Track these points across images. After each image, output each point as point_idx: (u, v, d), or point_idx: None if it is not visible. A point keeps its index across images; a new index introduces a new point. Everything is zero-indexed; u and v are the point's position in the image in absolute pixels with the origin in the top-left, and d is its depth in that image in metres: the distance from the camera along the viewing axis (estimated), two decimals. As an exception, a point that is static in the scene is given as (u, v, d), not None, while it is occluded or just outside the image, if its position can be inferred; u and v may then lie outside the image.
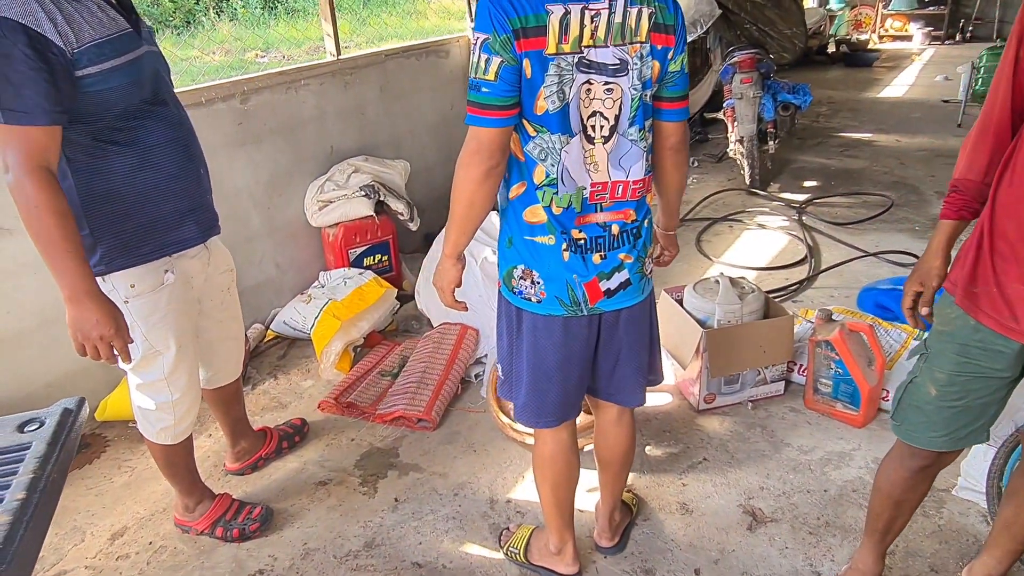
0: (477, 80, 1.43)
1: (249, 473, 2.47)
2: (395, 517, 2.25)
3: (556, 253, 1.56)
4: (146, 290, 1.82)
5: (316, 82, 3.49)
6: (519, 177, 1.55)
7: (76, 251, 1.57)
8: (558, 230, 1.55)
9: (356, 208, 3.42)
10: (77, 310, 1.59)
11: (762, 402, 2.68)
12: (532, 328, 1.64)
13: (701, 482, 2.32)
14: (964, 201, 1.48)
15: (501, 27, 1.39)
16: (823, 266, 3.78)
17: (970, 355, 1.42)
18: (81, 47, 1.57)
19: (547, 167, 1.51)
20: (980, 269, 1.38)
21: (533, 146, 1.50)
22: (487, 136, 1.44)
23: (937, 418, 1.51)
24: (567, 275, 1.57)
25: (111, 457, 2.60)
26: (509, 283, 1.64)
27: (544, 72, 1.42)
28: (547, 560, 1.99)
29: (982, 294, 1.37)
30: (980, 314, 1.38)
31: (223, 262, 2.12)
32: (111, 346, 1.65)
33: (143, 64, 1.72)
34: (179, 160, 1.84)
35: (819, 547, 2.05)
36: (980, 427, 1.51)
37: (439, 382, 2.75)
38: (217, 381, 2.27)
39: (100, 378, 2.77)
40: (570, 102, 1.47)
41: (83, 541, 2.22)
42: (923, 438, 1.54)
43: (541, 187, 1.53)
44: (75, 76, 1.58)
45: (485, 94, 1.42)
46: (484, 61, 1.41)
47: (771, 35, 5.13)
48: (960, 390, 1.46)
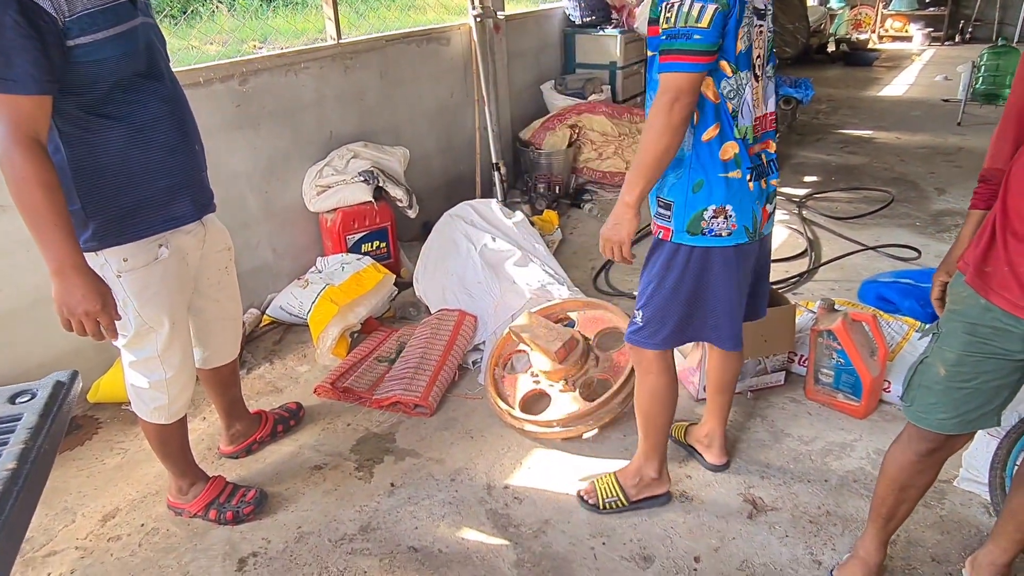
0: (687, 28, 1.53)
1: (243, 456, 2.44)
2: (391, 502, 2.23)
3: (743, 185, 1.74)
4: (139, 265, 1.78)
5: (316, 66, 3.45)
6: (713, 119, 1.68)
7: (63, 224, 1.53)
8: (744, 163, 1.73)
9: (355, 194, 3.39)
10: (63, 284, 1.56)
11: (763, 392, 2.66)
12: (721, 262, 1.78)
13: (701, 471, 2.30)
14: (992, 190, 1.48)
15: None
16: (824, 259, 3.76)
17: (980, 335, 1.40)
18: (73, 16, 1.53)
19: (734, 104, 1.68)
20: (993, 249, 1.36)
21: (726, 84, 1.66)
22: (689, 81, 1.57)
23: (946, 399, 1.49)
24: (752, 203, 1.76)
25: (103, 439, 2.57)
26: (697, 227, 1.74)
27: (743, 13, 1.60)
28: (646, 490, 2.13)
29: (994, 273, 1.36)
30: (991, 293, 1.37)
31: (220, 240, 2.08)
32: (97, 322, 1.61)
33: (137, 35, 1.68)
34: (173, 136, 1.80)
35: (820, 536, 2.03)
36: (991, 411, 1.49)
37: (436, 368, 2.72)
38: (213, 361, 2.24)
39: (93, 359, 2.73)
40: (752, 42, 1.67)
41: (74, 522, 2.19)
42: (932, 420, 1.52)
43: (737, 120, 1.70)
44: (66, 45, 1.54)
45: (697, 41, 1.53)
46: (698, 9, 1.52)
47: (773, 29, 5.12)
48: (970, 371, 1.44)
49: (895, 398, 2.52)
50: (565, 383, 2.54)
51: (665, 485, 2.15)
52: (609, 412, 2.42)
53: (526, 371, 2.67)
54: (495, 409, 2.57)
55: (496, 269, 3.18)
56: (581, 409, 2.42)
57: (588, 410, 2.41)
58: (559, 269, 3.31)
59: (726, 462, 2.29)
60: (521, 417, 2.47)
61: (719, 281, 1.81)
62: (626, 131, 4.79)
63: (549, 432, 2.43)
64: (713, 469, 2.29)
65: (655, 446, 2.10)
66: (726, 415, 2.27)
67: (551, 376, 2.55)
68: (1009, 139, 1.44)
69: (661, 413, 2.04)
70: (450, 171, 4.46)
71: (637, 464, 2.14)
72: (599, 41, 5.24)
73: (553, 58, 5.37)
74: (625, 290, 3.48)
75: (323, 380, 2.79)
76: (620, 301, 3.36)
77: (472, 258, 3.23)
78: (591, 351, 2.62)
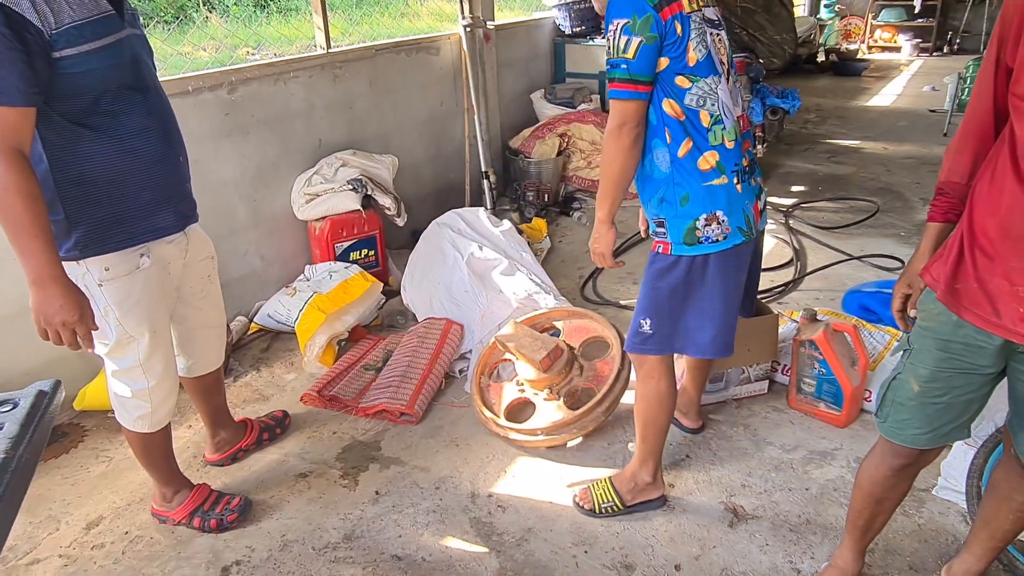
0: (617, 59, 1.69)
1: (229, 464, 2.45)
2: (375, 510, 2.24)
3: (731, 188, 1.81)
4: (121, 274, 1.79)
5: (305, 75, 3.47)
6: (683, 135, 1.77)
7: (43, 235, 1.54)
8: (728, 168, 1.80)
9: (343, 202, 3.41)
10: (41, 294, 1.57)
11: (745, 401, 2.69)
12: (720, 266, 1.84)
13: (683, 479, 2.32)
14: (950, 203, 1.50)
15: (641, 9, 1.65)
16: (809, 269, 3.79)
17: (952, 351, 1.43)
18: (59, 28, 1.54)
19: (709, 109, 1.76)
20: (962, 266, 1.38)
21: (690, 97, 1.74)
22: (632, 108, 1.71)
23: (920, 414, 1.51)
24: (743, 203, 1.82)
25: (88, 446, 2.57)
26: (693, 237, 1.81)
27: (689, 27, 1.70)
28: (642, 495, 2.17)
29: (964, 290, 1.38)
30: (962, 310, 1.39)
31: (203, 249, 2.09)
32: (74, 332, 1.62)
33: (123, 47, 1.69)
34: (159, 147, 1.81)
35: (800, 544, 2.05)
36: (962, 424, 1.52)
37: (422, 376, 2.73)
38: (197, 370, 2.24)
39: (80, 367, 2.73)
40: (710, 49, 1.76)
41: (58, 530, 2.19)
42: (906, 435, 1.54)
43: (711, 129, 1.77)
44: (52, 57, 1.55)
45: (624, 70, 1.69)
46: (624, 42, 1.67)
47: (761, 40, 5.18)
48: (943, 386, 1.46)
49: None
50: (550, 392, 2.55)
51: (660, 489, 2.18)
52: (593, 421, 2.44)
53: (511, 380, 2.68)
54: (481, 417, 2.59)
55: (483, 278, 3.20)
56: (565, 417, 2.44)
57: (572, 418, 2.42)
58: (545, 278, 3.34)
59: (701, 425, 2.52)
60: (506, 426, 2.49)
61: (719, 285, 1.86)
62: (615, 140, 4.81)
63: (534, 440, 2.45)
64: (690, 432, 2.51)
65: (653, 450, 2.13)
66: (702, 385, 2.48)
67: (536, 385, 2.57)
68: (968, 153, 1.45)
69: (661, 417, 2.08)
70: (439, 179, 4.48)
71: (633, 469, 2.17)
72: (589, 51, 5.28)
73: (543, 68, 5.40)
74: (612, 299, 3.50)
75: (310, 388, 2.80)
76: (607, 310, 3.38)
77: (459, 267, 3.25)
78: (576, 360, 2.64)
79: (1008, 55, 1.30)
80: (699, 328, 1.92)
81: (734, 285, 1.90)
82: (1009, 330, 1.33)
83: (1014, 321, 1.31)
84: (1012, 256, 1.30)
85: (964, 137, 1.46)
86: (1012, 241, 1.29)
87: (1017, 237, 1.29)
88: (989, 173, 1.35)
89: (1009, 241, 1.30)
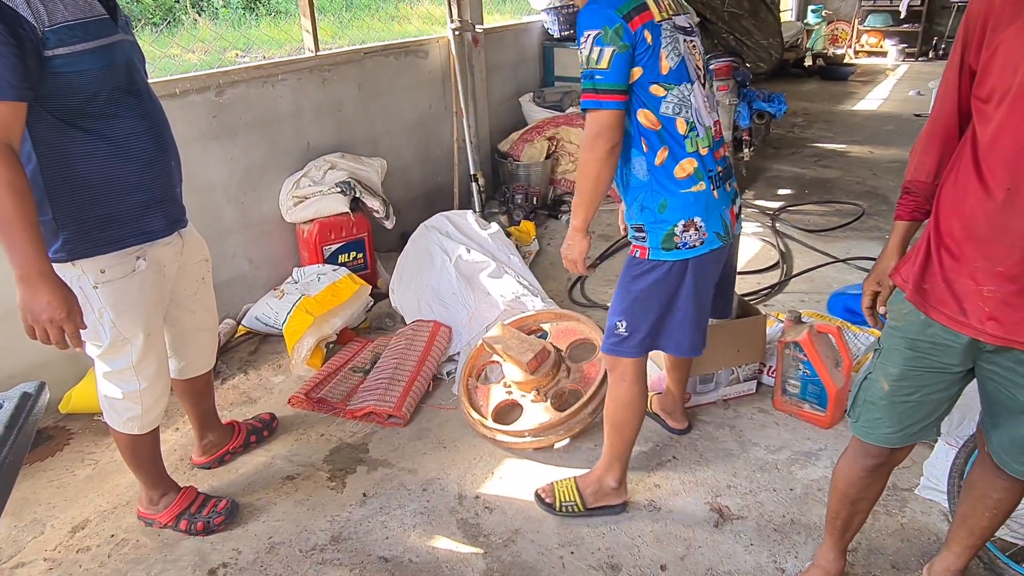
0: (590, 70, 1.70)
1: (216, 467, 2.44)
2: (363, 512, 2.24)
3: (708, 194, 1.83)
4: (117, 276, 1.79)
5: (294, 77, 3.47)
6: (659, 143, 1.79)
7: (31, 230, 1.54)
8: (704, 174, 1.83)
9: (332, 205, 3.41)
10: (28, 291, 1.56)
11: (732, 402, 2.71)
12: (697, 270, 1.86)
13: (669, 480, 2.33)
14: (916, 202, 1.53)
15: (611, 19, 1.67)
16: (795, 271, 3.82)
17: (921, 349, 1.45)
18: (52, 27, 1.55)
19: (684, 117, 1.79)
20: (929, 266, 1.41)
21: (666, 105, 1.77)
22: (605, 118, 1.71)
23: (890, 413, 1.54)
24: (720, 209, 1.85)
25: (74, 449, 2.56)
26: (671, 242, 1.83)
27: (659, 36, 1.73)
28: (604, 499, 2.17)
29: (931, 290, 1.41)
30: (930, 309, 1.42)
31: (198, 251, 2.10)
32: (61, 330, 1.61)
33: (116, 51, 1.70)
34: (150, 151, 1.81)
35: (784, 544, 2.06)
36: (932, 423, 1.55)
37: (410, 378, 2.74)
38: (188, 372, 2.24)
39: (65, 369, 2.72)
40: (684, 56, 1.79)
41: (43, 533, 2.18)
42: (878, 434, 1.57)
43: (687, 136, 1.80)
44: (44, 55, 1.55)
45: (600, 80, 1.69)
46: (597, 52, 1.68)
47: (748, 45, 5.22)
48: (912, 385, 1.49)
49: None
50: (537, 393, 2.56)
51: (623, 496, 2.18)
52: (580, 422, 2.45)
53: (499, 382, 2.69)
54: (468, 419, 2.59)
55: (471, 280, 3.21)
56: (552, 419, 2.45)
57: (559, 420, 2.44)
58: (533, 280, 3.35)
59: (687, 426, 2.53)
60: (493, 427, 2.50)
61: (694, 288, 1.89)
62: (603, 144, 4.84)
63: (521, 442, 2.46)
64: (676, 433, 2.53)
65: (619, 456, 2.13)
66: (684, 386, 2.50)
67: (523, 387, 2.58)
68: (933, 153, 1.47)
69: (630, 421, 2.08)
70: (428, 182, 4.49)
71: (598, 472, 2.17)
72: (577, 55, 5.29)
73: (531, 71, 5.42)
74: (600, 302, 3.51)
75: (297, 390, 2.80)
76: (595, 312, 3.39)
77: (447, 269, 3.26)
78: (563, 362, 2.65)
79: (972, 57, 1.33)
80: (676, 328, 1.94)
81: (708, 287, 1.94)
82: (976, 329, 1.36)
83: (980, 320, 1.34)
84: (976, 256, 1.32)
85: (930, 137, 1.48)
86: (975, 242, 1.32)
87: (980, 238, 1.31)
88: (953, 174, 1.38)
89: (973, 242, 1.33)
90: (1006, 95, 1.23)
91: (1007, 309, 1.31)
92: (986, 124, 1.29)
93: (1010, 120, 1.24)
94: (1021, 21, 1.22)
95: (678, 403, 2.52)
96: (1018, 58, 1.21)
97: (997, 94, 1.25)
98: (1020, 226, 1.26)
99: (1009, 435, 1.49)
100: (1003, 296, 1.31)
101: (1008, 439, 1.50)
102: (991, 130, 1.28)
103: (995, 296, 1.32)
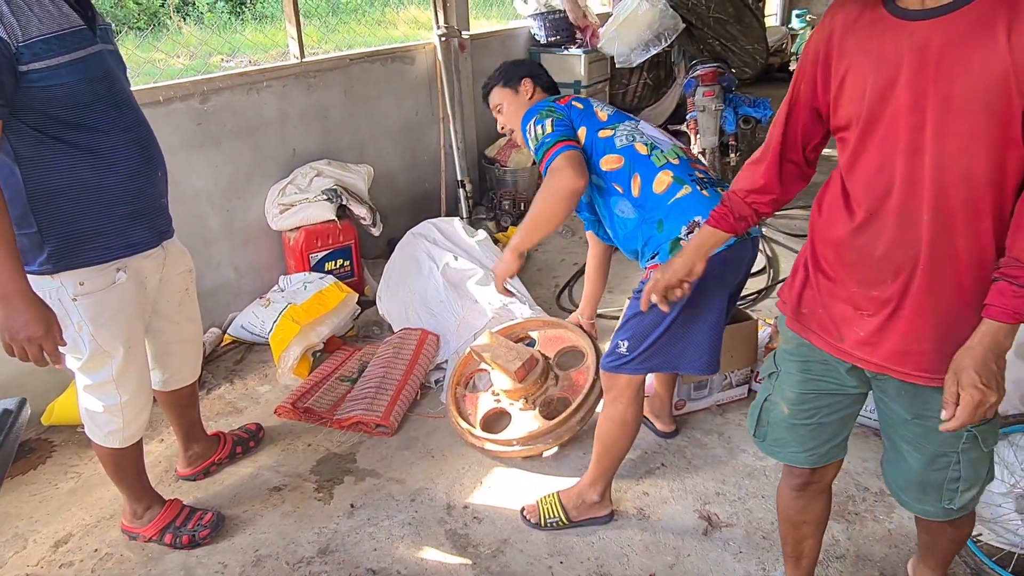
0: (542, 139, 1.93)
1: (202, 479, 2.42)
2: (350, 523, 2.22)
3: (697, 194, 1.87)
4: (96, 288, 1.77)
5: (279, 84, 3.45)
6: (629, 174, 1.92)
7: (8, 248, 1.53)
8: (686, 179, 1.89)
9: (318, 212, 3.39)
10: (6, 309, 1.55)
11: (720, 408, 2.71)
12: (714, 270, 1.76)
13: (659, 488, 2.33)
14: (722, 212, 1.52)
15: (541, 105, 2.02)
16: (782, 276, 3.84)
17: (814, 372, 1.45)
18: (26, 41, 1.53)
19: (641, 141, 1.94)
20: (807, 291, 1.42)
21: (619, 138, 1.94)
22: (561, 158, 1.86)
23: (793, 436, 1.52)
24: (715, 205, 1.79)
25: (57, 462, 2.52)
26: (678, 249, 1.79)
27: (588, 100, 2.05)
28: (588, 512, 2.17)
29: (810, 314, 1.41)
30: (810, 334, 1.42)
31: (181, 262, 2.07)
32: (40, 347, 1.60)
33: (94, 63, 1.68)
34: (134, 162, 1.79)
35: (772, 551, 2.07)
36: (840, 442, 1.52)
37: (398, 387, 2.73)
38: (172, 384, 2.22)
39: (47, 381, 2.68)
40: (617, 110, 2.02)
41: (25, 548, 2.15)
42: (786, 454, 1.55)
43: (651, 155, 1.91)
44: (18, 70, 1.54)
45: (548, 140, 1.92)
46: (539, 128, 1.95)
47: (733, 50, 5.24)
48: (810, 407, 1.48)
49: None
50: (525, 402, 2.56)
51: (607, 507, 2.18)
52: (568, 431, 2.44)
53: (487, 390, 2.69)
54: (456, 428, 2.58)
55: (458, 288, 3.20)
56: (541, 427, 2.44)
57: (547, 428, 2.43)
58: (521, 287, 3.34)
59: (674, 429, 2.56)
60: (482, 436, 2.49)
61: (710, 296, 1.86)
62: (590, 149, 4.85)
63: (509, 451, 2.45)
64: (663, 436, 2.55)
65: (605, 473, 2.13)
66: (673, 389, 2.53)
67: (511, 395, 2.57)
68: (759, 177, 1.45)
69: (620, 441, 2.07)
70: (415, 188, 4.48)
71: (581, 487, 2.17)
72: (564, 60, 5.31)
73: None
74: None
75: (284, 400, 2.78)
76: (582, 318, 3.39)
77: (434, 277, 3.25)
78: (551, 370, 2.65)
79: (820, 99, 1.32)
80: (692, 344, 1.91)
81: (723, 294, 1.90)
82: (850, 355, 1.35)
83: (854, 345, 1.34)
84: (850, 281, 1.32)
85: (759, 161, 1.46)
86: (847, 267, 1.32)
87: (851, 263, 1.31)
88: (817, 206, 1.39)
89: (845, 267, 1.33)
90: (859, 120, 1.23)
91: (882, 334, 1.30)
92: (845, 150, 1.29)
93: (864, 143, 1.24)
94: (862, 47, 1.21)
95: (666, 406, 2.53)
96: (864, 83, 1.21)
97: (852, 121, 1.25)
98: (881, 248, 1.25)
99: (901, 469, 1.44)
100: (880, 321, 1.29)
101: (901, 475, 1.45)
102: (848, 155, 1.28)
103: (874, 320, 1.30)
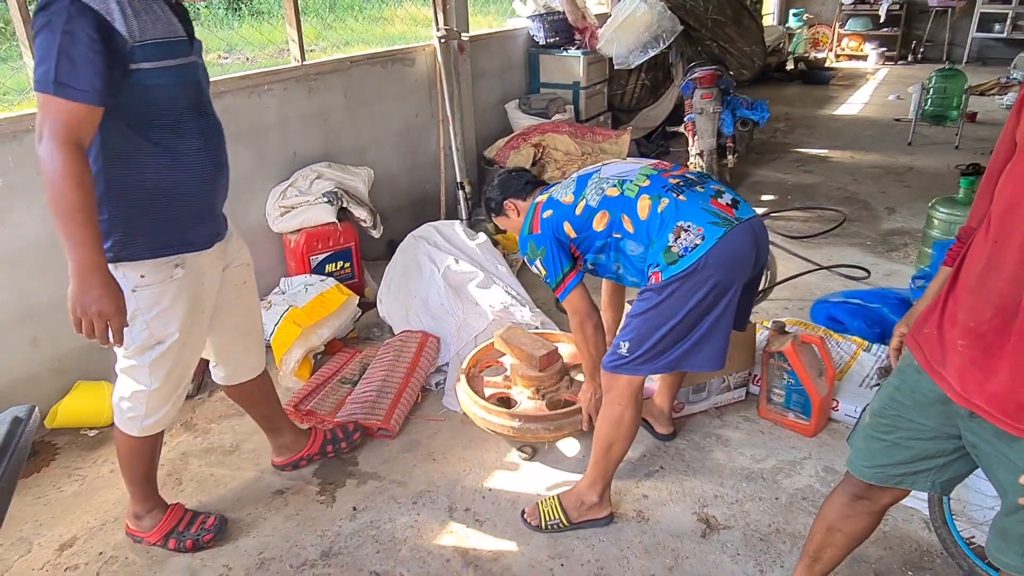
0: (544, 279, 2.18)
1: (289, 471, 2.47)
2: (353, 526, 2.25)
3: (675, 202, 1.94)
4: (155, 281, 1.84)
5: (280, 87, 3.47)
6: (618, 217, 2.01)
7: (92, 225, 1.60)
8: (661, 192, 1.96)
9: (318, 214, 3.41)
10: (81, 283, 1.61)
11: (718, 411, 2.74)
12: (715, 261, 1.86)
13: (657, 490, 2.36)
14: (958, 251, 1.48)
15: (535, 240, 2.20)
16: (778, 278, 3.86)
17: (903, 391, 1.45)
18: (141, 43, 1.65)
19: (605, 186, 2.05)
20: (935, 312, 1.39)
21: (591, 200, 2.06)
22: (573, 297, 2.15)
23: (866, 447, 1.53)
24: (697, 205, 1.93)
25: (61, 465, 2.54)
26: (671, 256, 1.89)
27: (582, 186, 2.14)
28: (588, 513, 2.19)
29: (928, 335, 1.39)
30: (917, 350, 1.41)
31: (239, 257, 2.13)
32: (106, 325, 1.65)
33: (189, 72, 1.79)
34: (208, 168, 1.88)
35: (769, 553, 2.10)
36: (913, 473, 1.49)
37: (399, 390, 2.75)
38: (237, 377, 2.25)
39: (51, 385, 2.70)
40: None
41: (29, 552, 2.17)
42: (855, 464, 1.56)
43: (623, 191, 2.02)
44: (129, 67, 1.64)
45: (550, 279, 2.17)
46: (535, 268, 2.21)
47: (731, 52, 5.25)
48: (889, 424, 1.48)
49: (844, 416, 2.62)
50: (535, 392, 2.57)
51: (606, 509, 2.20)
52: (571, 424, 2.44)
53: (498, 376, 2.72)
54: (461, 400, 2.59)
55: (459, 291, 3.22)
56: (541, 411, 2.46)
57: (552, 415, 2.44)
58: (521, 290, 3.37)
59: (673, 432, 2.60)
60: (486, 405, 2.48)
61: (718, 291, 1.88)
62: (589, 150, 4.87)
63: (509, 426, 2.43)
64: (661, 439, 2.59)
65: (604, 474, 2.16)
66: (674, 394, 2.57)
67: (525, 382, 2.58)
68: (984, 204, 1.43)
69: (619, 443, 2.10)
70: (415, 190, 4.50)
71: (580, 489, 2.20)
72: (562, 61, 5.33)
73: (517, 78, 5.44)
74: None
75: (286, 403, 2.79)
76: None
77: (435, 280, 3.27)
78: (568, 373, 2.68)
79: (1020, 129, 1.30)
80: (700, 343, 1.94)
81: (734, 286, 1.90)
82: (946, 382, 1.32)
83: (952, 373, 1.31)
84: (964, 307, 1.30)
85: (986, 185, 1.44)
86: (967, 292, 1.30)
87: (970, 288, 1.29)
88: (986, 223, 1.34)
89: (966, 292, 1.30)
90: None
91: (971, 368, 1.28)
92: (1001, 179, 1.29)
93: (1011, 174, 1.25)
94: None
95: (664, 409, 2.56)
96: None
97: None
98: (996, 281, 1.24)
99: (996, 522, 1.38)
100: (971, 355, 1.28)
101: (995, 526, 1.39)
102: (1000, 184, 1.29)
103: (966, 352, 1.29)
